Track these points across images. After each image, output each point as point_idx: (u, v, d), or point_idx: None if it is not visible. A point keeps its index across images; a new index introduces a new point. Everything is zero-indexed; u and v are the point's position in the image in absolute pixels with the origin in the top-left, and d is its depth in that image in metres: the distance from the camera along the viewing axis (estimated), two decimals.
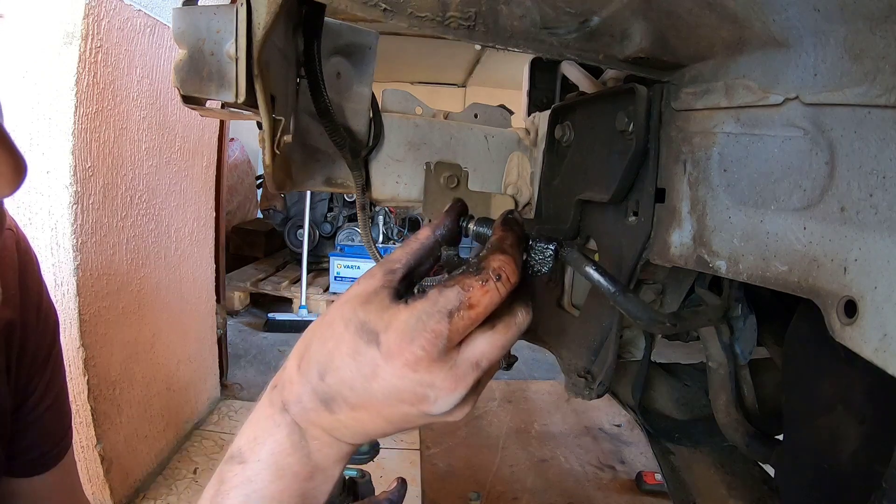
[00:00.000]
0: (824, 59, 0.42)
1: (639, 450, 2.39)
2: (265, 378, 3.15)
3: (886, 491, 0.40)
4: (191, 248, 2.20)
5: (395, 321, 0.36)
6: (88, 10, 1.43)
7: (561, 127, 0.80)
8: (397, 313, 0.36)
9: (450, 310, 0.35)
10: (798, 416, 0.61)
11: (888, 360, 0.36)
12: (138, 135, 1.76)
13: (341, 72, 0.87)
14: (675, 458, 0.87)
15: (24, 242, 0.68)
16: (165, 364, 2.06)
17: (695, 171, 0.57)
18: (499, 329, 0.38)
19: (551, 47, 0.55)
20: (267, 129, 0.61)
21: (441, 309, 0.35)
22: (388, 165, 0.96)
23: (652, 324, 0.56)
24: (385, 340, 0.35)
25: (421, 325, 0.35)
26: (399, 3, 0.50)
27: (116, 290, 1.71)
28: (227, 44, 0.56)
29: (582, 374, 0.73)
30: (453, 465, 2.21)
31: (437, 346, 0.35)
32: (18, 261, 0.66)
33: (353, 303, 0.38)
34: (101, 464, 1.65)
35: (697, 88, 0.55)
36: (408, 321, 0.35)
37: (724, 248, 0.53)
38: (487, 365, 0.37)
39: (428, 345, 0.35)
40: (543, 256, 0.45)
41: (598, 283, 0.48)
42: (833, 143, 0.42)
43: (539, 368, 3.14)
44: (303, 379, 0.38)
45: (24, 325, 0.66)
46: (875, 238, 0.38)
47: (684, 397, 0.87)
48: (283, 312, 3.74)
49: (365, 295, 0.38)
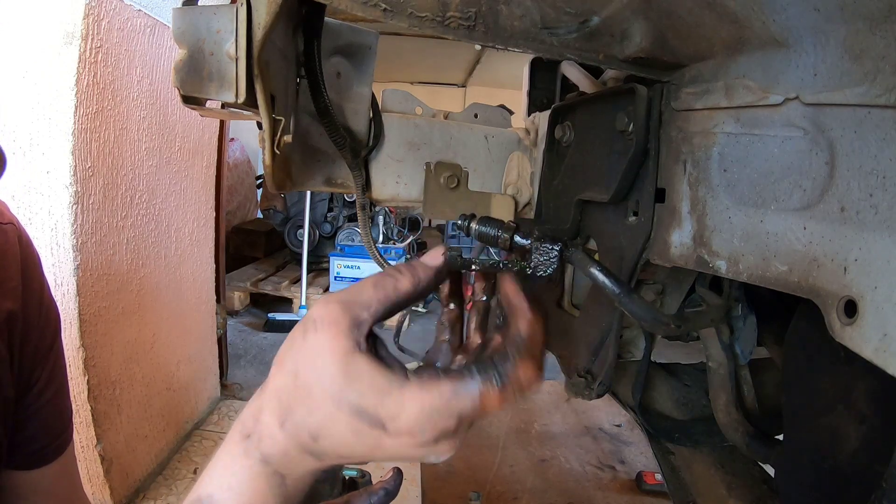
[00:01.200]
0: (824, 59, 0.42)
1: (639, 450, 2.39)
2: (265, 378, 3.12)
3: (886, 491, 0.40)
4: (191, 248, 2.20)
5: (403, 414, 0.35)
6: (88, 10, 1.43)
7: (561, 127, 0.80)
8: (403, 403, 0.35)
9: (461, 413, 0.36)
10: (798, 416, 0.61)
11: (888, 360, 0.36)
12: (138, 135, 1.76)
13: (341, 72, 0.87)
14: (675, 458, 0.87)
15: (25, 237, 0.69)
16: (165, 364, 2.05)
17: (695, 171, 0.57)
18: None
19: (551, 47, 0.55)
20: (267, 129, 0.61)
21: (453, 411, 0.35)
22: (388, 165, 0.96)
23: (656, 325, 0.56)
24: (394, 429, 0.35)
25: (431, 423, 0.35)
26: (399, 3, 0.50)
27: (116, 290, 1.71)
28: (227, 44, 0.56)
29: (582, 374, 0.73)
30: (453, 465, 2.21)
31: (445, 434, 0.36)
32: (20, 254, 0.67)
33: (331, 370, 0.35)
34: (101, 464, 1.65)
35: (697, 88, 0.55)
36: (418, 418, 0.35)
37: (724, 248, 0.53)
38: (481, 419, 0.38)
39: (437, 434, 0.36)
40: (548, 258, 0.44)
41: (603, 284, 0.48)
42: (833, 143, 0.42)
43: None
44: (291, 439, 0.37)
45: (26, 317, 0.66)
46: (875, 238, 0.38)
47: (684, 397, 0.87)
48: (283, 312, 3.74)
49: (340, 357, 0.36)
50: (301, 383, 0.37)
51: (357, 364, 0.35)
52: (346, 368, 0.35)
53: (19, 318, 0.65)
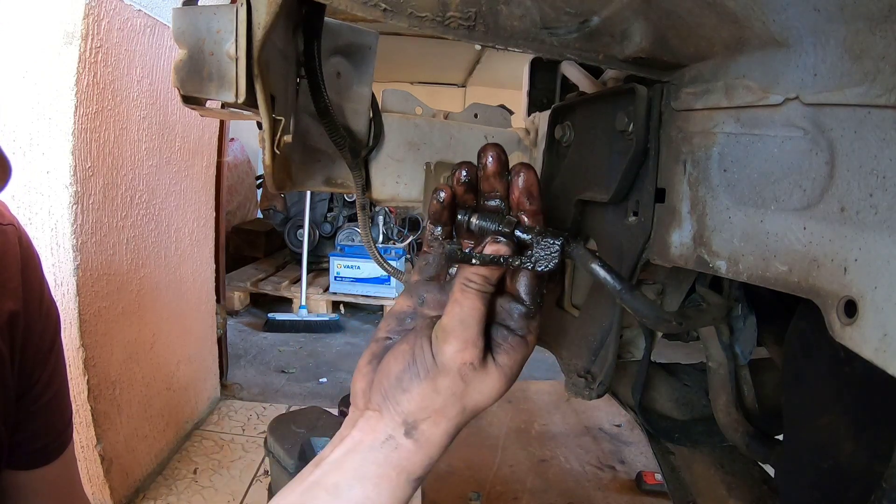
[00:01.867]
0: (824, 60, 0.42)
1: (639, 450, 2.39)
2: (265, 378, 3.18)
3: (886, 491, 0.40)
4: (191, 248, 2.20)
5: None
6: (88, 10, 1.43)
7: (561, 127, 0.80)
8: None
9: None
10: (798, 416, 0.61)
11: (888, 360, 0.36)
12: (138, 135, 1.76)
13: (341, 72, 0.87)
14: (675, 458, 0.87)
15: (25, 238, 0.70)
16: (165, 364, 2.06)
17: (695, 171, 0.57)
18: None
19: (551, 47, 0.55)
20: (267, 129, 0.61)
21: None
22: (388, 165, 0.96)
23: (658, 322, 0.55)
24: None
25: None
26: (399, 3, 0.50)
27: (116, 290, 1.71)
28: (227, 44, 0.56)
29: (582, 374, 0.73)
30: (453, 465, 2.21)
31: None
32: (21, 255, 0.67)
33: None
34: (101, 464, 1.66)
35: (697, 88, 0.55)
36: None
37: (724, 248, 0.53)
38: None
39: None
40: (549, 253, 0.44)
41: (605, 281, 0.47)
42: (833, 143, 0.42)
43: (539, 368, 3.14)
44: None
45: (27, 317, 0.67)
46: (875, 238, 0.38)
47: (684, 397, 0.87)
48: (283, 312, 3.74)
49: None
50: (470, 410, 0.45)
51: (501, 366, 0.46)
52: (502, 373, 0.45)
53: (21, 318, 0.66)
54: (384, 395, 0.44)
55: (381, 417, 0.44)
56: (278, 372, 3.07)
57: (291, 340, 3.52)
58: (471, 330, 0.42)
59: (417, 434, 0.43)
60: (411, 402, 0.43)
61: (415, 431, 0.43)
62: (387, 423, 0.43)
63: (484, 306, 0.43)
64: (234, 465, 2.13)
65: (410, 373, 0.43)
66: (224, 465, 2.12)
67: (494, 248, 0.43)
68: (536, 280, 0.46)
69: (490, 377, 0.43)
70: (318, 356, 3.34)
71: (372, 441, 0.43)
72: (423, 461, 0.43)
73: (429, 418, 0.43)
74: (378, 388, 0.45)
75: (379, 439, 0.43)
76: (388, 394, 0.44)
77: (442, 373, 0.42)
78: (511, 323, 0.45)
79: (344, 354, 3.39)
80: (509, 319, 0.45)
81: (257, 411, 2.55)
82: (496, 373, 0.44)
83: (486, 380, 0.43)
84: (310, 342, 3.53)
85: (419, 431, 0.43)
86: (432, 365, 0.42)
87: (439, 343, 0.42)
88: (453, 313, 0.43)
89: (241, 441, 2.30)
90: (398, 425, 0.43)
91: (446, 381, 0.42)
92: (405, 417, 0.43)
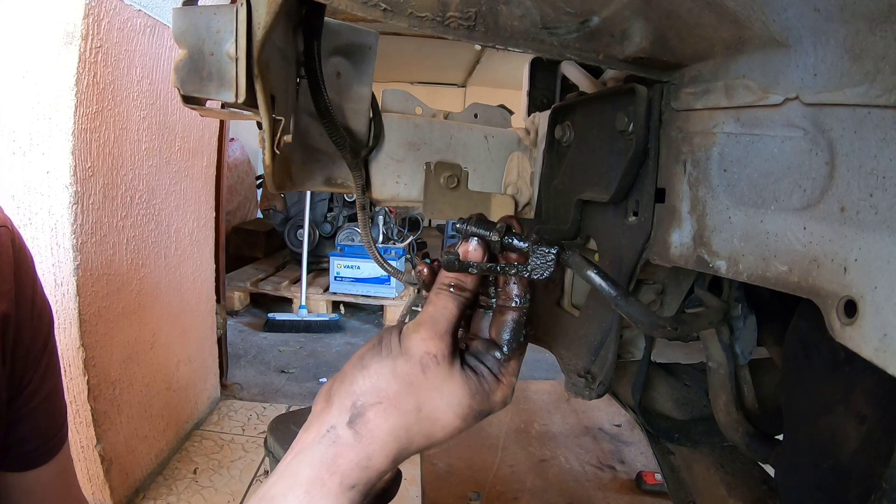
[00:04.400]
0: (824, 60, 0.42)
1: (639, 450, 2.39)
2: (265, 378, 3.18)
3: (886, 491, 0.40)
4: (191, 248, 2.20)
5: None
6: (88, 10, 1.43)
7: (561, 127, 0.80)
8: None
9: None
10: (798, 416, 0.61)
11: (888, 360, 0.36)
12: (138, 135, 1.75)
13: (341, 72, 0.87)
14: (675, 458, 0.87)
15: (18, 240, 0.69)
16: (165, 364, 2.06)
17: (695, 171, 0.57)
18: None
19: (551, 47, 0.55)
20: (267, 129, 0.61)
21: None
22: (388, 165, 0.96)
23: (653, 328, 0.55)
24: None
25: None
26: (399, 3, 0.50)
27: (116, 290, 1.71)
28: (227, 44, 0.56)
29: (582, 374, 0.73)
30: (453, 465, 2.21)
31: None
32: (14, 257, 0.67)
33: (459, 394, 0.46)
34: (101, 464, 1.65)
35: (697, 88, 0.55)
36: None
37: (724, 248, 0.53)
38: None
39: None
40: (545, 261, 0.45)
41: (600, 288, 0.48)
42: (833, 143, 0.42)
43: (539, 368, 3.14)
44: (393, 464, 0.45)
45: (19, 318, 0.66)
46: (875, 238, 0.38)
47: (684, 397, 0.87)
48: (283, 312, 3.74)
49: (461, 383, 0.47)
50: (424, 416, 0.43)
51: (469, 378, 0.45)
52: (468, 388, 0.44)
53: (12, 320, 0.65)
54: (342, 379, 0.45)
55: (330, 409, 0.44)
56: (278, 372, 3.07)
57: (291, 340, 3.52)
58: (440, 326, 0.44)
59: (360, 424, 0.42)
60: (366, 380, 0.43)
61: (359, 419, 0.42)
62: (333, 412, 0.43)
63: (456, 308, 0.45)
64: (234, 465, 2.13)
65: (373, 352, 0.45)
66: (224, 465, 2.12)
67: (464, 248, 0.46)
68: (516, 325, 0.47)
69: (453, 382, 0.44)
70: (317, 356, 3.34)
71: (313, 438, 0.43)
72: (359, 461, 0.41)
73: (379, 404, 0.42)
74: (339, 377, 0.45)
75: (320, 433, 0.43)
76: (346, 377, 0.44)
77: (404, 355, 0.43)
78: (489, 364, 0.47)
79: (344, 354, 3.39)
80: (487, 361, 0.47)
81: (257, 411, 2.55)
82: (460, 380, 0.44)
83: (448, 382, 0.44)
84: (310, 342, 3.53)
85: (364, 420, 0.42)
86: (396, 347, 0.44)
87: (408, 332, 0.44)
88: (426, 311, 0.45)
89: (241, 441, 2.30)
90: (345, 410, 0.43)
91: (406, 367, 0.43)
92: (355, 400, 0.43)
